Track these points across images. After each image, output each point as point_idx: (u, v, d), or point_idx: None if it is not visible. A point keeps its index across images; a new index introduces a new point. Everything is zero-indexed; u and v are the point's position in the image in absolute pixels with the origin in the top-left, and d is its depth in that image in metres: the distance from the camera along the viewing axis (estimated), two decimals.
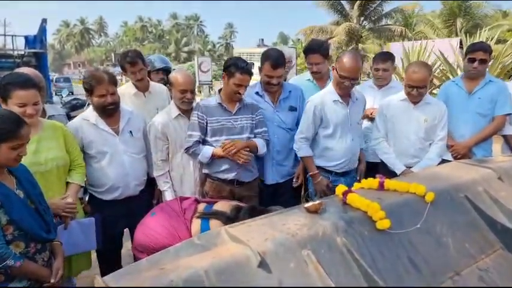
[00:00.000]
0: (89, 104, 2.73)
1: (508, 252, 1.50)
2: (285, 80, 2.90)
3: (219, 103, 2.42)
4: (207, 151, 2.38)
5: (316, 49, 2.89)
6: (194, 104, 2.55)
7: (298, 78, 3.27)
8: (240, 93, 2.38)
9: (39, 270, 1.61)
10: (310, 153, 2.58)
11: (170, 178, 2.55)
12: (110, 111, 2.28)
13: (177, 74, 2.55)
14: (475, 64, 2.83)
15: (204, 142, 2.43)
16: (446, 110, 2.62)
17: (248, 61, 2.46)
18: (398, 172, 2.52)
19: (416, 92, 2.47)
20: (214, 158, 2.39)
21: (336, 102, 2.50)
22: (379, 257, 1.25)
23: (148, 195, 2.59)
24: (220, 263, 1.02)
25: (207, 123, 2.40)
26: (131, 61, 2.80)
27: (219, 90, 2.52)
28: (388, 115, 2.63)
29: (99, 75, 2.23)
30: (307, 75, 3.09)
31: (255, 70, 2.69)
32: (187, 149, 2.41)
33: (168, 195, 2.52)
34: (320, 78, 2.97)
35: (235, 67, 2.34)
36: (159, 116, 2.56)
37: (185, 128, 2.49)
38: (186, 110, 2.51)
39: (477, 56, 2.83)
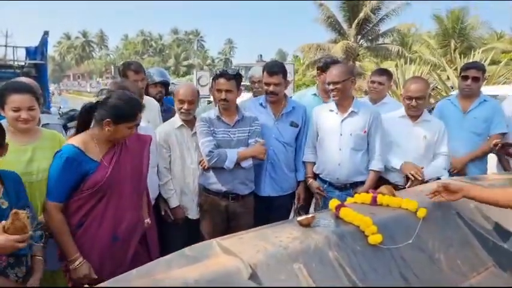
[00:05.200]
0: None
1: (500, 270, 1.51)
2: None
3: (217, 116, 2.47)
4: (232, 155, 2.37)
5: (338, 61, 3.07)
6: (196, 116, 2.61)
7: (303, 93, 3.31)
8: (223, 99, 2.41)
9: (5, 284, 1.50)
10: (309, 159, 2.72)
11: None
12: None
13: (180, 86, 2.68)
14: (468, 82, 2.90)
15: None
16: (445, 128, 2.65)
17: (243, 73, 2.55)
18: (397, 166, 2.51)
19: (415, 102, 2.50)
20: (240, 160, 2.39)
21: (331, 112, 2.59)
22: (370, 272, 1.25)
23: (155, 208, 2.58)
24: (211, 274, 1.02)
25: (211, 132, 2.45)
26: (136, 69, 2.89)
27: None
28: (387, 130, 2.64)
29: (129, 88, 2.22)
30: (312, 90, 3.16)
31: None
32: (209, 154, 2.34)
33: (173, 202, 2.55)
34: (327, 92, 3.03)
35: (214, 77, 2.45)
36: (163, 125, 2.66)
37: (187, 137, 2.56)
38: (189, 121, 2.57)
39: (470, 73, 2.90)
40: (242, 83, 2.61)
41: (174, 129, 2.56)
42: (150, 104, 3.01)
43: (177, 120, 2.60)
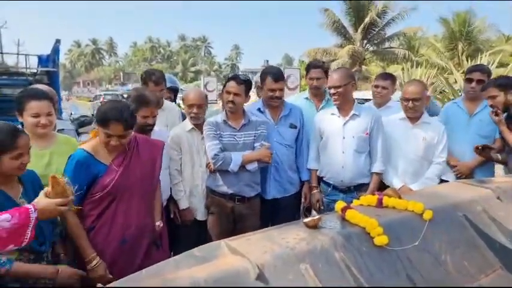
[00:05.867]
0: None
1: (507, 272, 1.50)
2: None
3: (224, 120, 2.52)
4: (237, 158, 2.41)
5: (318, 65, 3.08)
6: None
7: (296, 97, 3.37)
8: (231, 101, 2.47)
9: (33, 268, 1.55)
10: (314, 167, 2.75)
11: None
12: (147, 131, 2.36)
13: (189, 91, 2.76)
14: (473, 84, 2.92)
15: None
16: (445, 130, 2.66)
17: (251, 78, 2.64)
18: (396, 186, 2.52)
19: (412, 104, 2.55)
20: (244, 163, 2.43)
21: (333, 116, 2.65)
22: (376, 273, 1.26)
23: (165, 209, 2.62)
24: (219, 274, 1.04)
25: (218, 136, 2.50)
26: (156, 80, 2.97)
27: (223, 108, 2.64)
28: (387, 132, 2.68)
29: (147, 97, 2.32)
30: (304, 94, 3.24)
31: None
32: (215, 157, 2.40)
33: (183, 204, 2.60)
34: (319, 95, 3.08)
35: (226, 80, 2.56)
36: (175, 128, 2.75)
37: (197, 141, 2.63)
38: (199, 125, 2.64)
39: (474, 76, 2.92)
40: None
41: (185, 132, 2.64)
42: (171, 109, 3.11)
43: (187, 123, 2.68)
